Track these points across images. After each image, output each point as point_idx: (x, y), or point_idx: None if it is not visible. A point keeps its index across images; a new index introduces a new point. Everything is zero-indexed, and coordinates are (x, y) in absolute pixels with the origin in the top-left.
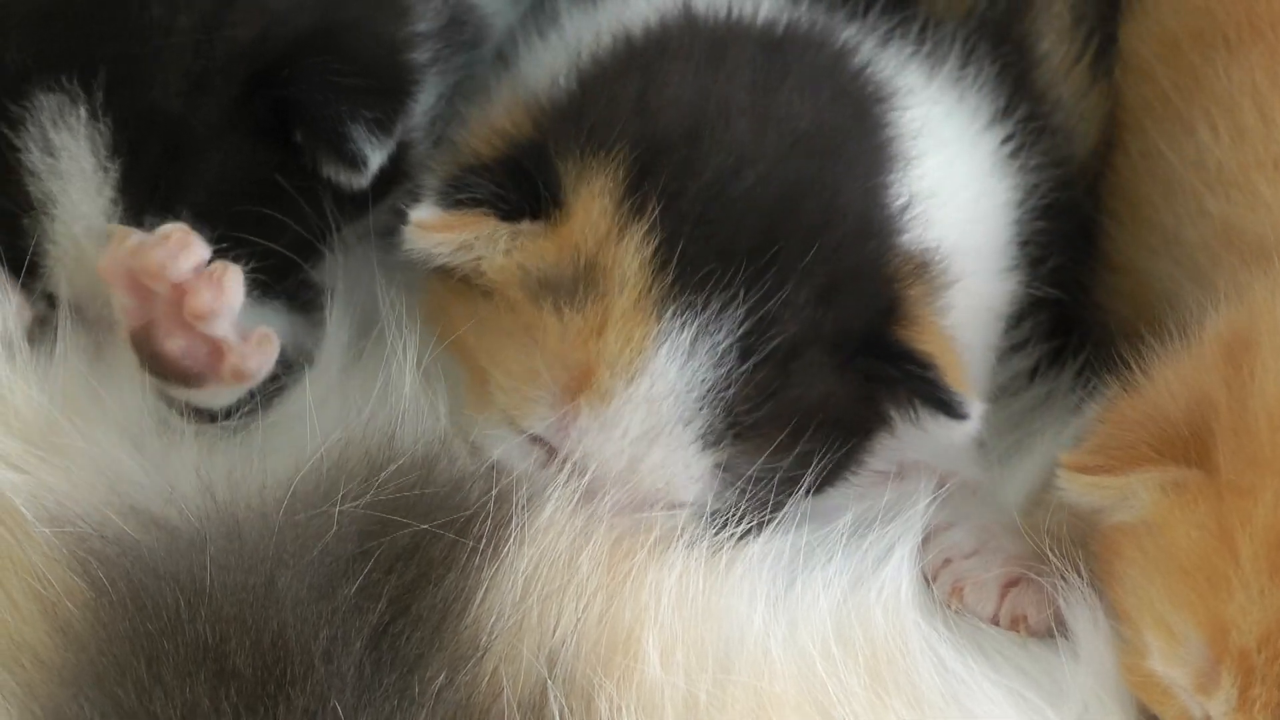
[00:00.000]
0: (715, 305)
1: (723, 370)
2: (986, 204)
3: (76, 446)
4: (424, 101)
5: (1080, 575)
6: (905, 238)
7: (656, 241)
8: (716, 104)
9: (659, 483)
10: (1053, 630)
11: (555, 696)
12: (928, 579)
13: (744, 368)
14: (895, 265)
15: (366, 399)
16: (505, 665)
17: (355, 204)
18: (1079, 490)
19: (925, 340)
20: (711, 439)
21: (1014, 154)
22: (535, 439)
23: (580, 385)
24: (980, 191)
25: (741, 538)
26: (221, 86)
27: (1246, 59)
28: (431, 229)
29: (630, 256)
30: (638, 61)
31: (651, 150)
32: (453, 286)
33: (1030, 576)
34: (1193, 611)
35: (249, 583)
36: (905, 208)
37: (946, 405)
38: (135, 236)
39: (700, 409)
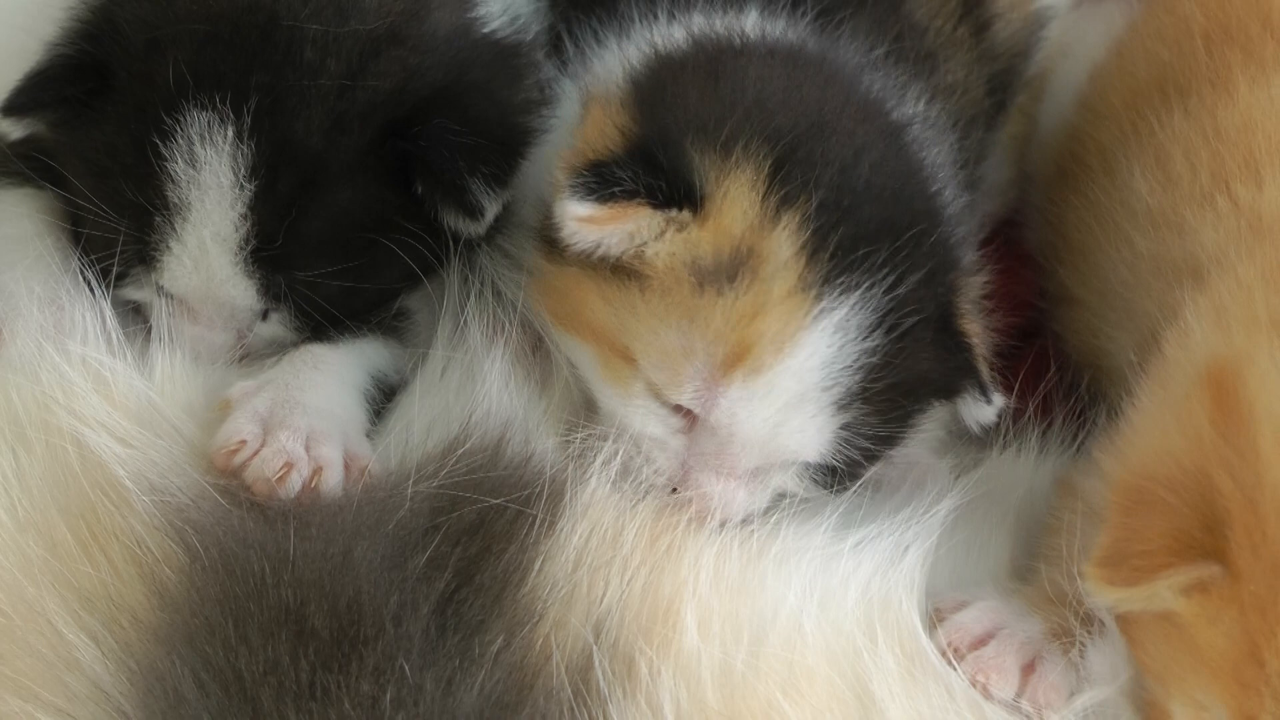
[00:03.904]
0: (864, 284)
1: (866, 344)
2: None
3: (176, 429)
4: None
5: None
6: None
7: (810, 230)
8: (822, 101)
9: (794, 445)
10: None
11: (600, 661)
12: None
13: (885, 340)
14: (962, 256)
15: (445, 395)
16: (556, 631)
17: (466, 246)
18: (1107, 600)
19: (976, 333)
20: (844, 403)
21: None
22: (678, 408)
23: (736, 361)
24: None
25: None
26: (358, 130)
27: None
28: (599, 221)
29: (785, 244)
30: (722, 64)
31: (784, 145)
32: (595, 274)
33: (1044, 656)
34: (1222, 700)
35: (328, 552)
36: (954, 208)
37: (985, 389)
38: (244, 425)
39: (841, 378)
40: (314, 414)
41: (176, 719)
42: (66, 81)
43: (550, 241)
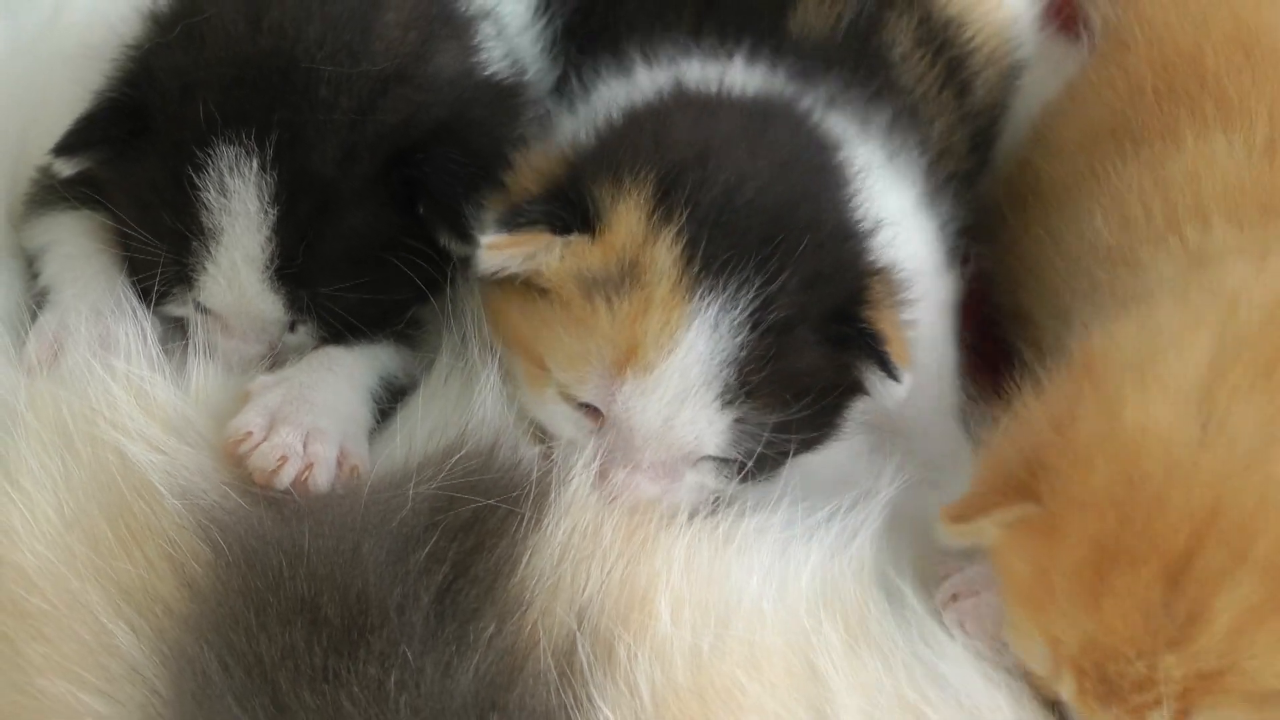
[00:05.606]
0: (732, 287)
1: (737, 340)
2: (916, 229)
3: (205, 437)
4: None
5: None
6: (873, 247)
7: (684, 241)
8: (717, 138)
9: (689, 436)
10: None
11: (583, 645)
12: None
13: (752, 337)
14: (865, 264)
15: (445, 405)
16: (543, 619)
17: (463, 263)
18: (947, 537)
19: (882, 321)
20: (729, 397)
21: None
22: (585, 407)
23: (626, 360)
24: (910, 220)
25: (752, 481)
26: (368, 160)
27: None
28: (501, 247)
29: (664, 255)
30: (646, 116)
31: (670, 173)
32: (514, 292)
33: None
34: (1033, 624)
35: (339, 548)
36: (872, 227)
37: (889, 369)
38: (253, 418)
39: (720, 373)
40: (319, 412)
41: (204, 698)
42: (110, 124)
43: None
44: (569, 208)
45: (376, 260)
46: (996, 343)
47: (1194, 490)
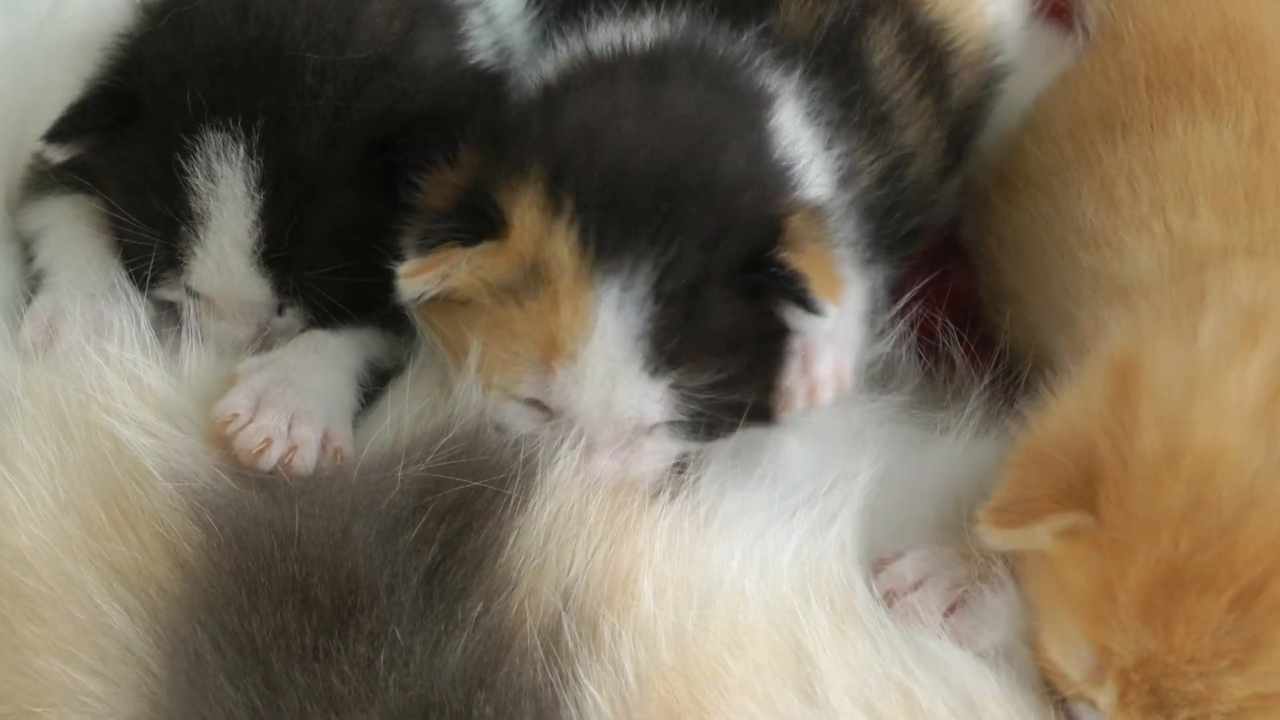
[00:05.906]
0: (629, 266)
1: (645, 314)
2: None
3: (195, 422)
4: None
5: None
6: (787, 189)
7: (577, 229)
8: (603, 113)
9: (630, 411)
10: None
11: (568, 624)
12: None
13: (657, 308)
14: (774, 208)
15: (432, 389)
16: (529, 598)
17: None
18: (993, 540)
19: (801, 258)
20: (653, 368)
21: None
22: (530, 401)
23: (550, 354)
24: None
25: (717, 436)
26: (351, 146)
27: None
28: (415, 273)
29: (561, 246)
30: (544, 99)
31: (558, 161)
32: (437, 308)
33: (966, 601)
34: (1083, 632)
35: (329, 529)
36: (784, 169)
37: (807, 304)
38: (240, 400)
39: (638, 347)
40: (304, 394)
41: (197, 677)
42: (101, 111)
43: None
44: (475, 217)
45: (361, 245)
46: (979, 324)
47: (1272, 517)
